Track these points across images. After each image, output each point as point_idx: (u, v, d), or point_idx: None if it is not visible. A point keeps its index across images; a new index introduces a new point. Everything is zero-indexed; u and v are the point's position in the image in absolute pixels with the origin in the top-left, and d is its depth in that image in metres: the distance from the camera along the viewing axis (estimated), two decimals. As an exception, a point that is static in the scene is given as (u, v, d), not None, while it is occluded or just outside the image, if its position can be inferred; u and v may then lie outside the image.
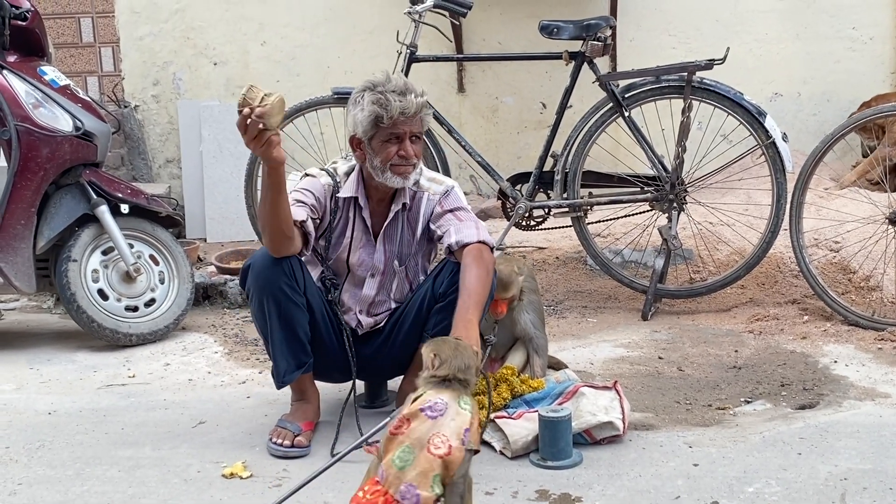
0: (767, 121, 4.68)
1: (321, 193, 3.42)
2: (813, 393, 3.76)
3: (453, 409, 2.54)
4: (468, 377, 2.63)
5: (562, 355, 4.11)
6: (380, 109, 3.26)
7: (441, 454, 2.46)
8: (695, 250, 5.27)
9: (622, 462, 3.17)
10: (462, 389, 2.60)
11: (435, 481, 2.44)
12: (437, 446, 2.46)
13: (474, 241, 3.34)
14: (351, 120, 3.36)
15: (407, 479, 2.45)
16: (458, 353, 2.66)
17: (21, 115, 4.44)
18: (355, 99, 3.34)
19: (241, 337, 4.70)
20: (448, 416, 2.51)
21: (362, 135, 3.33)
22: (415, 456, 2.47)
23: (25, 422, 3.72)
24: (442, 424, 2.50)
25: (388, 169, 3.33)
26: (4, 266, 4.48)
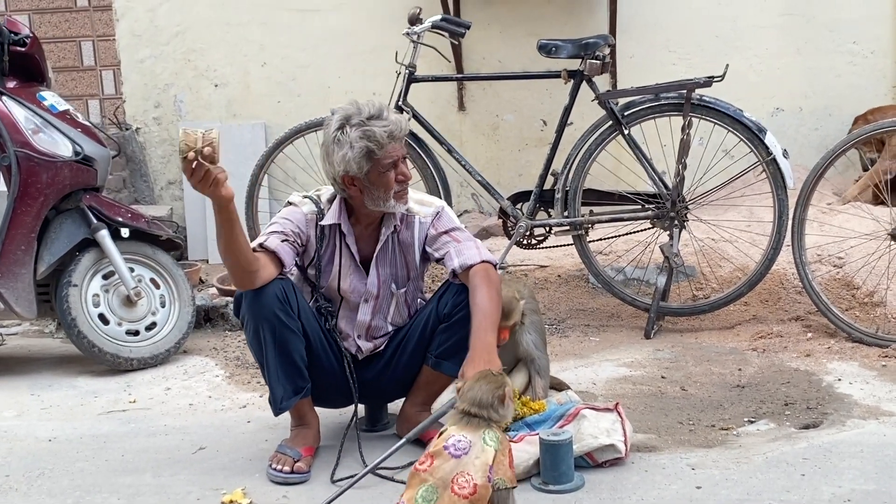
0: (768, 137, 4.67)
1: (302, 222, 3.40)
2: (817, 412, 3.73)
3: (478, 447, 2.51)
4: (488, 414, 2.59)
5: (564, 375, 4.09)
6: (370, 143, 3.23)
7: (466, 494, 2.45)
8: (697, 267, 5.25)
9: (624, 485, 3.15)
10: (485, 424, 2.57)
11: None
12: (462, 486, 2.45)
13: (478, 262, 3.34)
14: (338, 160, 3.26)
15: None
16: (477, 385, 2.62)
17: (20, 141, 4.45)
18: (335, 138, 3.26)
19: (242, 360, 4.69)
20: (472, 454, 2.50)
21: (357, 171, 3.26)
22: (438, 496, 2.47)
23: (26, 449, 3.71)
24: (466, 463, 2.48)
25: (392, 197, 3.32)
26: (5, 292, 4.47)
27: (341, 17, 6.33)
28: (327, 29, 6.37)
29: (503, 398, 2.62)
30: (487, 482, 2.48)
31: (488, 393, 2.61)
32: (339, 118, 3.28)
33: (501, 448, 2.56)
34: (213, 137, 2.87)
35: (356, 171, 3.27)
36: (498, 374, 2.74)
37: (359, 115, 3.25)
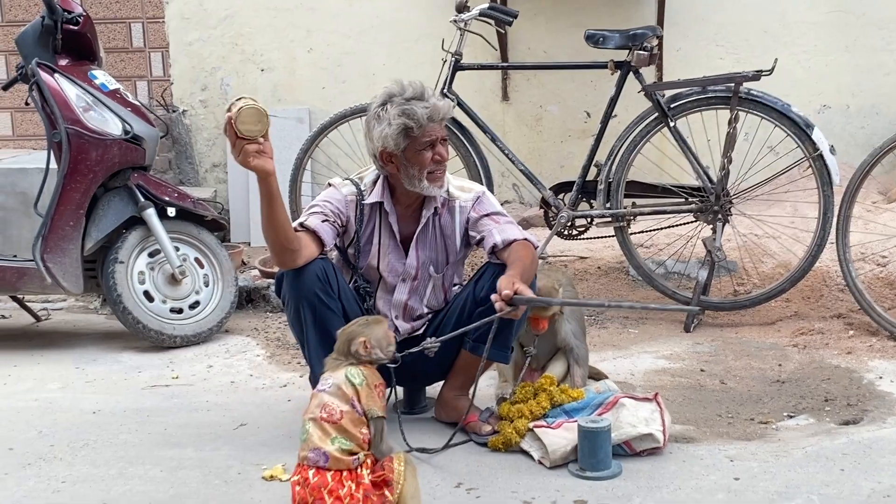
0: (815, 133, 4.64)
1: (342, 203, 3.45)
2: (857, 409, 3.71)
3: (339, 379, 2.79)
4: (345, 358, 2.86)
5: (602, 366, 4.09)
6: (408, 120, 3.29)
7: (335, 419, 2.73)
8: (739, 262, 5.23)
9: (662, 474, 3.15)
10: (346, 364, 2.84)
11: (336, 440, 2.71)
12: (330, 413, 2.74)
13: (520, 239, 3.39)
14: (377, 136, 3.36)
15: (310, 447, 2.73)
16: (343, 332, 2.91)
17: (72, 119, 4.52)
18: (377, 114, 3.36)
19: (282, 340, 4.74)
20: (334, 389, 2.78)
21: (394, 148, 3.34)
22: (310, 427, 2.75)
23: (70, 420, 3.78)
24: (330, 395, 2.78)
25: (425, 178, 3.36)
26: (53, 266, 4.55)
27: (388, 5, 6.36)
28: (374, 16, 6.39)
29: (360, 345, 2.85)
30: (353, 409, 2.74)
31: (345, 342, 2.87)
32: (383, 95, 3.36)
33: (366, 382, 2.80)
34: (242, 106, 2.96)
35: (393, 148, 3.34)
36: (368, 323, 2.93)
37: (401, 95, 3.32)
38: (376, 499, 2.69)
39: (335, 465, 2.70)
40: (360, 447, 2.74)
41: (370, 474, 2.72)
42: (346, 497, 2.67)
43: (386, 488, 2.71)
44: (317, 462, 2.70)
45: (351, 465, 2.71)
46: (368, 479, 2.70)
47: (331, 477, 2.68)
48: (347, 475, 2.70)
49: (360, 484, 2.69)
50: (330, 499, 2.66)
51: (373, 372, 2.86)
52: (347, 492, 2.68)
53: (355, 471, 2.71)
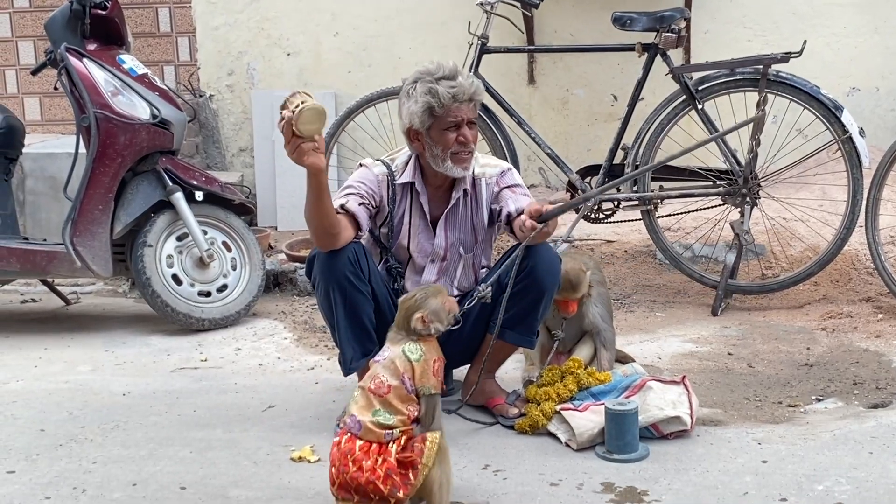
0: (844, 115, 4.60)
1: (374, 183, 3.45)
2: (886, 392, 3.69)
3: (394, 354, 2.79)
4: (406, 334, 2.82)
5: (629, 349, 4.09)
6: (432, 99, 3.29)
7: (382, 392, 2.74)
8: (767, 246, 5.20)
9: (689, 457, 3.15)
10: (405, 340, 2.81)
11: (377, 413, 2.72)
12: (378, 385, 2.75)
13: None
14: (405, 112, 3.39)
15: (351, 411, 2.77)
16: (405, 301, 2.87)
17: (100, 103, 4.55)
18: (407, 91, 3.38)
19: (309, 324, 4.76)
20: (388, 361, 2.78)
21: (419, 126, 3.35)
22: (359, 395, 2.78)
23: (100, 402, 3.82)
24: (383, 367, 2.78)
25: (449, 158, 3.36)
26: (82, 250, 4.59)
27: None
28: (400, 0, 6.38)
29: (418, 321, 2.82)
30: (402, 385, 2.74)
31: (405, 318, 2.84)
32: (415, 74, 3.37)
33: (424, 359, 2.78)
34: (300, 108, 2.93)
35: (419, 126, 3.36)
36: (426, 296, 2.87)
37: (431, 74, 3.32)
38: (398, 478, 2.69)
39: (366, 435, 2.71)
40: (402, 423, 2.73)
41: (398, 452, 2.71)
42: (367, 470, 2.68)
43: (410, 470, 2.72)
44: (351, 429, 2.73)
45: (382, 439, 2.71)
46: (395, 457, 2.70)
47: (360, 447, 2.70)
48: (376, 448, 2.71)
49: (386, 460, 2.69)
50: (353, 467, 2.68)
51: (432, 346, 2.84)
52: (371, 464, 2.68)
53: (385, 445, 2.71)
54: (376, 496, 2.68)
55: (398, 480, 2.69)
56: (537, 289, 3.36)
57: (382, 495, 2.68)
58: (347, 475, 2.69)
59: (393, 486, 2.68)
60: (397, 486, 2.69)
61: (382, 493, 2.68)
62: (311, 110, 2.94)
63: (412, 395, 2.75)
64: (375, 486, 2.67)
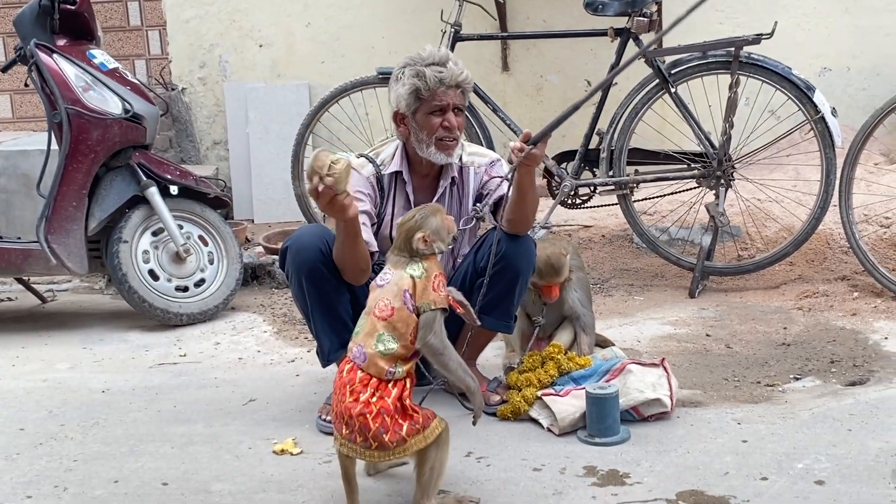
0: (816, 95, 4.63)
1: (368, 186, 3.45)
2: (863, 369, 3.72)
3: (398, 277, 2.75)
4: (408, 254, 2.78)
5: (609, 333, 4.11)
6: (419, 81, 3.29)
7: (385, 316, 2.70)
8: (743, 227, 5.23)
9: (670, 439, 3.17)
10: (408, 261, 2.77)
11: (381, 339, 2.69)
12: (382, 309, 2.71)
13: None
14: (393, 96, 3.40)
15: (357, 340, 2.73)
16: (403, 224, 2.82)
17: (71, 99, 4.51)
18: (396, 75, 3.38)
19: (289, 316, 4.75)
20: (391, 283, 2.75)
21: (405, 109, 3.36)
22: (364, 321, 2.75)
23: (80, 400, 3.79)
24: (386, 291, 2.74)
25: (434, 143, 3.36)
26: (57, 247, 4.56)
27: (385, -23, 6.34)
28: (371, -12, 6.37)
29: (420, 241, 2.77)
30: (404, 305, 2.70)
31: (405, 240, 2.79)
32: (406, 59, 3.37)
33: (425, 276, 2.74)
34: (338, 170, 2.87)
35: (405, 109, 3.36)
36: (425, 216, 2.83)
37: (422, 60, 3.32)
38: (389, 420, 2.63)
39: (369, 367, 2.67)
40: (405, 349, 2.69)
41: (399, 396, 2.67)
42: (362, 403, 2.64)
43: (406, 421, 2.66)
44: (356, 358, 2.70)
45: (383, 376, 2.66)
46: (392, 399, 2.66)
47: (360, 379, 2.67)
48: (375, 383, 2.66)
49: (382, 398, 2.64)
50: (350, 398, 2.66)
51: (433, 263, 2.80)
52: (367, 398, 2.64)
53: (385, 384, 2.67)
54: (364, 432, 2.62)
55: (388, 422, 2.63)
56: (512, 272, 3.36)
57: (369, 432, 2.62)
58: (343, 404, 2.67)
59: (382, 427, 2.62)
60: (386, 428, 2.62)
61: (370, 428, 2.61)
62: (346, 168, 2.89)
63: (414, 315, 2.70)
64: (365, 421, 2.62)
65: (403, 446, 2.66)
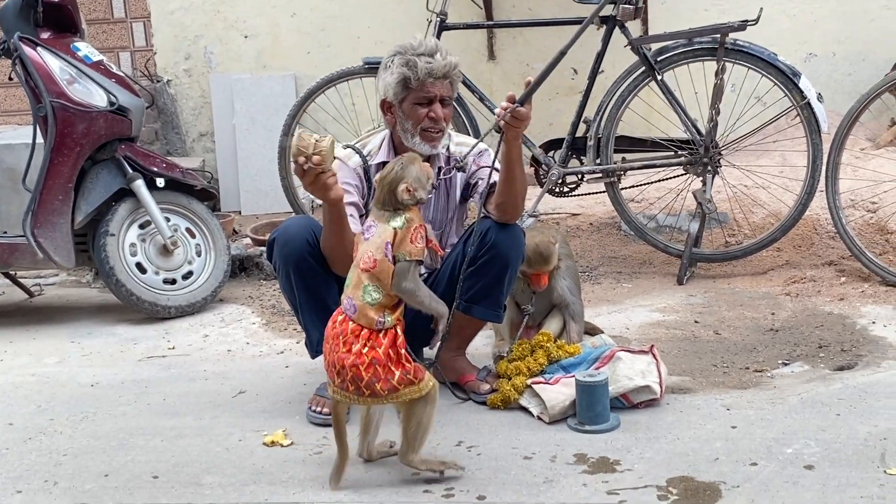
0: (802, 81, 4.64)
1: (355, 177, 3.43)
2: (851, 354, 3.74)
3: (381, 229, 2.79)
4: (392, 207, 2.80)
5: (597, 321, 4.12)
6: (408, 71, 3.28)
7: (367, 267, 2.76)
8: (730, 213, 5.24)
9: (660, 425, 3.18)
10: (392, 213, 2.79)
11: (366, 290, 2.75)
12: (366, 261, 2.77)
13: None
14: (381, 84, 3.38)
15: (347, 293, 2.80)
16: (384, 177, 2.82)
17: (56, 92, 4.49)
18: (385, 64, 3.37)
19: (277, 308, 4.74)
20: (376, 236, 2.79)
21: (392, 98, 3.35)
22: (352, 274, 2.82)
23: (69, 394, 3.78)
24: (371, 243, 2.80)
25: (418, 134, 3.35)
26: (44, 241, 4.54)
27: (370, -34, 6.31)
28: (356, -22, 6.35)
29: (404, 191, 2.79)
30: (385, 257, 2.75)
31: (388, 193, 2.80)
32: (396, 47, 3.35)
33: (406, 227, 2.78)
34: (324, 147, 2.90)
35: (392, 98, 3.35)
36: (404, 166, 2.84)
37: (412, 49, 3.31)
38: (381, 370, 2.71)
39: (360, 318, 2.74)
40: (389, 297, 2.75)
41: (391, 344, 2.74)
42: (354, 353, 2.71)
43: (398, 369, 2.73)
44: (346, 310, 2.77)
45: (374, 326, 2.73)
46: (384, 349, 2.73)
47: (351, 329, 2.74)
48: (366, 334, 2.73)
49: (374, 349, 2.72)
50: (343, 348, 2.73)
51: (415, 214, 2.83)
52: (359, 349, 2.72)
53: (376, 333, 2.74)
54: (356, 381, 2.71)
55: (380, 372, 2.72)
56: (501, 261, 3.35)
57: (362, 381, 2.71)
58: (336, 354, 2.74)
59: (374, 376, 2.71)
60: (378, 377, 2.71)
61: (363, 378, 2.71)
62: (331, 145, 2.91)
63: (392, 265, 2.75)
64: (357, 371, 2.71)
65: (395, 394, 2.75)
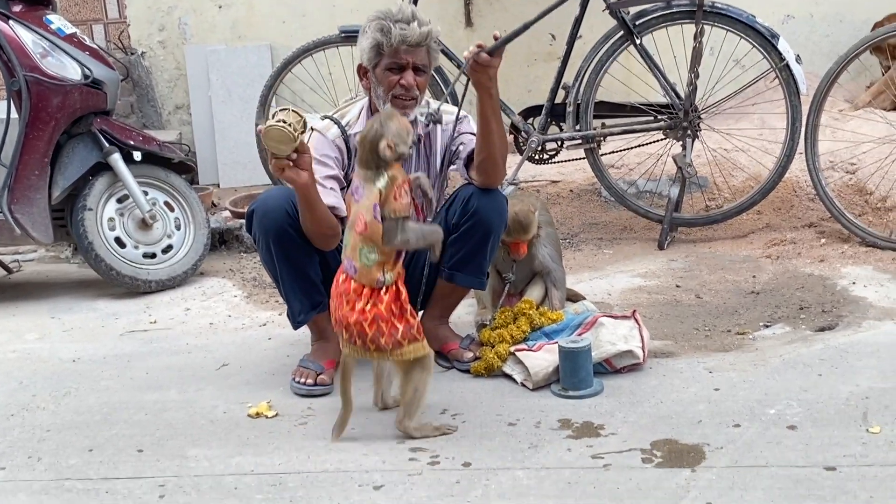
0: (780, 43, 4.63)
1: (334, 149, 3.39)
2: (832, 315, 3.76)
3: (368, 190, 2.82)
4: (375, 166, 2.81)
5: (579, 287, 4.12)
6: (381, 36, 3.26)
7: (360, 230, 2.81)
8: (710, 177, 5.25)
9: (643, 389, 3.19)
10: (375, 173, 2.81)
11: (362, 252, 2.81)
12: (358, 224, 2.82)
13: None
14: (359, 49, 3.37)
15: (346, 254, 2.87)
16: (365, 137, 2.83)
17: (30, 65, 4.43)
18: (364, 28, 3.34)
19: (259, 280, 4.73)
20: (364, 197, 2.82)
21: (367, 63, 3.33)
22: (348, 236, 2.88)
23: (50, 370, 3.76)
24: (361, 205, 2.83)
25: (389, 100, 3.32)
26: (21, 217, 4.50)
27: (345, -67, 6.24)
28: (331, -55, 6.28)
29: (385, 148, 2.80)
30: (374, 218, 2.78)
31: (370, 151, 2.81)
32: (376, 13, 3.33)
33: (389, 185, 2.80)
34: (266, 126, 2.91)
35: (367, 63, 3.34)
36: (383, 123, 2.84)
37: (389, 16, 3.28)
38: (385, 325, 2.81)
39: (361, 278, 2.82)
40: (385, 255, 2.81)
41: (393, 300, 2.83)
42: (357, 311, 2.81)
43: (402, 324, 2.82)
44: (347, 270, 2.86)
45: (375, 285, 2.82)
46: (386, 305, 2.81)
47: (354, 289, 2.83)
48: (368, 292, 2.82)
49: (376, 306, 2.81)
50: (347, 307, 2.83)
51: (398, 170, 2.84)
52: (362, 307, 2.81)
53: (378, 291, 2.82)
54: (362, 337, 2.82)
55: (384, 328, 2.82)
56: (484, 228, 3.34)
57: (366, 337, 2.81)
58: (341, 312, 2.85)
59: (377, 332, 2.81)
60: (381, 332, 2.81)
61: (367, 334, 2.81)
62: (274, 130, 2.89)
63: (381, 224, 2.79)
64: (361, 328, 2.81)
65: (400, 350, 2.85)
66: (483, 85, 3.18)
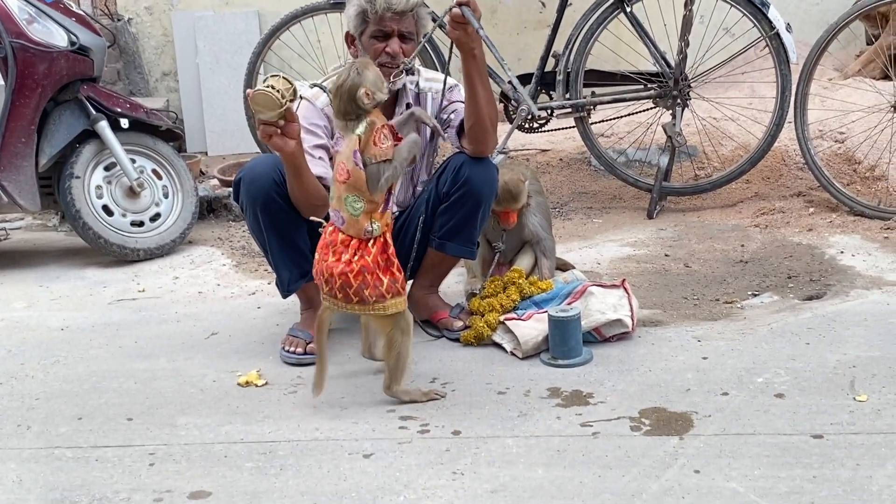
0: (771, 11, 4.62)
1: (322, 117, 3.36)
2: (820, 284, 3.77)
3: (348, 139, 2.82)
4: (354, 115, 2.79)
5: (569, 256, 4.12)
6: (366, 4, 3.24)
7: (343, 179, 2.80)
8: (699, 146, 5.24)
9: (632, 358, 3.20)
10: (355, 122, 2.80)
11: (348, 202, 2.80)
12: (340, 173, 2.81)
13: None
14: (346, 17, 3.35)
15: (332, 206, 2.86)
16: (341, 87, 2.80)
17: (15, 32, 4.39)
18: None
19: (247, 249, 4.72)
20: (345, 146, 2.83)
21: (353, 30, 3.31)
22: (333, 188, 2.87)
23: (39, 338, 3.75)
24: (341, 154, 2.85)
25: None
26: (8, 185, 4.47)
27: None
28: (319, -89, 6.21)
29: (364, 96, 2.78)
30: (356, 166, 2.77)
31: (348, 101, 2.79)
32: None
33: (368, 129, 2.79)
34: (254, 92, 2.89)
35: (353, 31, 3.32)
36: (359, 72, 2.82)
37: None
38: (370, 277, 2.80)
39: (349, 229, 2.82)
40: (372, 203, 2.80)
41: (380, 251, 2.83)
42: (343, 262, 2.80)
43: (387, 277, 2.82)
44: (335, 222, 2.85)
45: (363, 235, 2.81)
46: (373, 257, 2.81)
47: (341, 240, 2.82)
48: (356, 243, 2.81)
49: (363, 258, 2.80)
50: (332, 257, 2.82)
51: (376, 115, 2.83)
52: (349, 257, 2.80)
53: (365, 243, 2.82)
54: (345, 289, 2.81)
55: (369, 279, 2.81)
56: (474, 198, 3.34)
57: (350, 288, 2.80)
58: (325, 263, 2.83)
59: (363, 283, 2.80)
60: (367, 284, 2.81)
61: (352, 285, 2.80)
62: (262, 95, 2.87)
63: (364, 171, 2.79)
64: (347, 279, 2.80)
65: (383, 303, 2.84)
66: (464, 44, 3.13)
